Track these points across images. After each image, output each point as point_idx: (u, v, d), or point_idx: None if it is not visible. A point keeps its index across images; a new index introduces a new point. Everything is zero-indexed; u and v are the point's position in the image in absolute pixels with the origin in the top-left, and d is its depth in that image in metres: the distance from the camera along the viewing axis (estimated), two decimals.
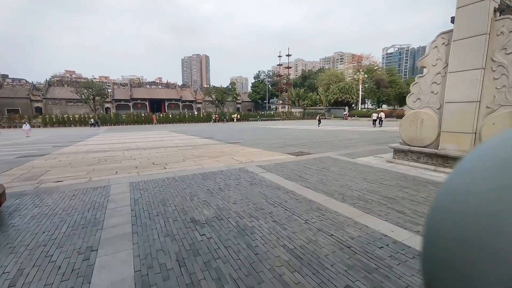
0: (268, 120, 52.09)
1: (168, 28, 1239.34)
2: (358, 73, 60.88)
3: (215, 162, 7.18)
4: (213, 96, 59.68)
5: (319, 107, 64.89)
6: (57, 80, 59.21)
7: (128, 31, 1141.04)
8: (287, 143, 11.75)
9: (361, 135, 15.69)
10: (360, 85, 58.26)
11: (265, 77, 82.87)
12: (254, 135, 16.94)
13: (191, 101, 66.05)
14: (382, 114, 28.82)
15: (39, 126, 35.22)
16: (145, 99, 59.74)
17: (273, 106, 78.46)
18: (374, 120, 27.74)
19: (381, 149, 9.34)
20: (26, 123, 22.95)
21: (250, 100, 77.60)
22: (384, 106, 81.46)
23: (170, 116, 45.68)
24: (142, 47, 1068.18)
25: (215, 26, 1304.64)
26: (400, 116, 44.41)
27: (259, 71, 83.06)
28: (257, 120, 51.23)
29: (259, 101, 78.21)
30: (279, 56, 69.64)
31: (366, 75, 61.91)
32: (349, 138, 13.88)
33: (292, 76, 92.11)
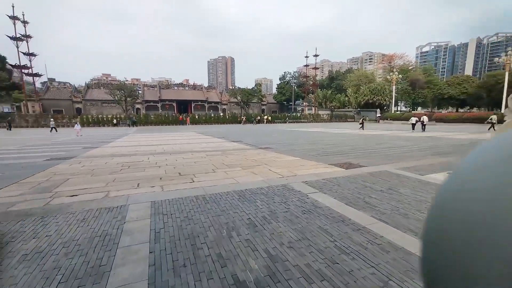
0: (294, 122, 50.38)
1: (196, 32, 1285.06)
2: (391, 74, 56.66)
3: (251, 174, 6.09)
4: (239, 98, 59.51)
5: (347, 109, 61.65)
6: (94, 83, 63.48)
7: (159, 36, 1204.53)
8: (326, 150, 10.34)
9: (409, 141, 13.66)
10: (394, 86, 54.09)
11: (290, 78, 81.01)
12: (284, 139, 15.69)
13: (217, 102, 66.55)
14: (425, 118, 25.02)
15: None
16: (172, 100, 61.39)
17: (299, 108, 76.37)
18: (413, 124, 24.65)
19: (450, 162, 7.57)
20: (78, 123, 23.99)
21: (275, 101, 76.34)
22: (419, 109, 75.41)
23: (197, 117, 46.18)
24: (171, 50, 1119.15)
25: (241, 28, 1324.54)
26: (441, 120, 40.16)
27: (284, 72, 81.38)
28: (284, 122, 49.79)
29: (285, 102, 76.59)
30: (306, 57, 67.38)
31: (400, 76, 57.43)
32: (397, 145, 12.02)
33: (318, 77, 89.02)
